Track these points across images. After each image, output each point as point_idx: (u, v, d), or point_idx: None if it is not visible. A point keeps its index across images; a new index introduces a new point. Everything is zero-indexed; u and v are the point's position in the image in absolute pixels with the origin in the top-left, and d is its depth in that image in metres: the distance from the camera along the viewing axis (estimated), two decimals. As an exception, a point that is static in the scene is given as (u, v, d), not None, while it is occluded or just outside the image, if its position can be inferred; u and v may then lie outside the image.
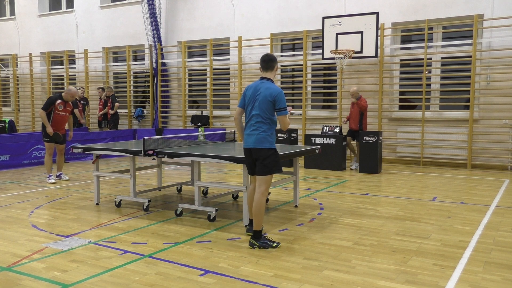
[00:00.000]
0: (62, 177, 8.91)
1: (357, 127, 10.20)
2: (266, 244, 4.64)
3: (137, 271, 4.07)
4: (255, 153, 4.74)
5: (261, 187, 4.73)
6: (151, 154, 5.91)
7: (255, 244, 4.64)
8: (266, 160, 4.69)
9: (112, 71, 16.35)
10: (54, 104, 8.48)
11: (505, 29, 10.15)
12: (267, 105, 4.68)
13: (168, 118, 15.13)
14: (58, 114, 8.52)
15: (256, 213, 4.69)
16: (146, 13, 14.54)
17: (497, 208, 6.49)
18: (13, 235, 5.22)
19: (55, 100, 8.52)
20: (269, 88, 4.71)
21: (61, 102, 8.54)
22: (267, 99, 4.67)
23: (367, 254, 4.50)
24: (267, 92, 4.68)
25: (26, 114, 18.38)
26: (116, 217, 6.04)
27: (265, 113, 4.70)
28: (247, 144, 4.79)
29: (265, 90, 4.70)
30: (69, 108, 8.73)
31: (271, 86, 4.74)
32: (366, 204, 6.81)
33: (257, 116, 4.71)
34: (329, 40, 11.27)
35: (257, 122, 4.72)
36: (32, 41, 18.05)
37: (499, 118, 10.40)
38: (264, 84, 4.78)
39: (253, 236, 4.70)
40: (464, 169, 10.38)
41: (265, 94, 4.68)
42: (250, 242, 4.70)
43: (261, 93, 4.71)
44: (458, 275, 3.96)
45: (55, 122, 8.54)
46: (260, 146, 4.70)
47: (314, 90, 12.80)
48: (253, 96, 4.77)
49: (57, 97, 8.59)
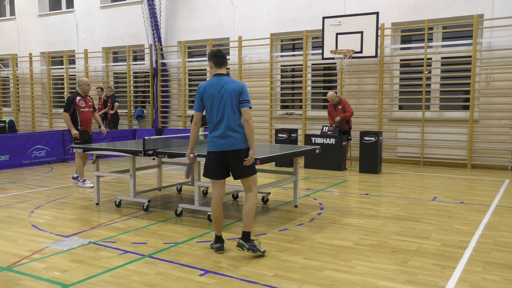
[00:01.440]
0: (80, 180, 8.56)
1: (346, 127, 10.58)
2: (255, 247, 4.42)
3: (137, 271, 4.07)
4: (232, 155, 4.40)
5: (253, 188, 4.54)
6: (151, 154, 5.91)
7: (245, 246, 4.43)
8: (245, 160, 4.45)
9: (112, 71, 16.35)
10: (75, 102, 8.05)
11: (505, 29, 10.15)
12: (235, 100, 4.37)
13: (168, 118, 15.13)
14: (83, 111, 8.09)
15: (249, 213, 4.49)
16: (146, 13, 14.54)
17: (497, 208, 6.49)
18: (13, 235, 5.22)
19: (75, 98, 8.08)
20: (234, 82, 4.44)
21: (80, 98, 8.11)
22: (235, 93, 4.37)
23: (367, 254, 4.50)
24: (233, 86, 4.38)
25: (26, 114, 18.38)
26: (116, 217, 6.04)
27: (236, 110, 4.39)
28: (219, 147, 4.40)
29: (230, 83, 4.40)
30: (90, 103, 8.29)
31: (233, 80, 4.48)
32: (366, 204, 6.81)
33: (228, 114, 4.37)
34: (329, 40, 11.27)
35: (230, 121, 4.37)
36: (32, 41, 18.05)
37: (499, 118, 10.40)
38: (224, 80, 4.44)
39: (243, 237, 4.47)
40: (464, 169, 10.38)
41: (232, 88, 4.37)
42: (239, 243, 4.47)
43: (226, 89, 4.38)
44: (458, 275, 3.97)
45: (83, 122, 8.11)
46: (239, 147, 4.39)
47: (314, 90, 12.80)
48: (217, 94, 4.39)
49: (75, 95, 8.15)
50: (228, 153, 4.40)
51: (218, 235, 4.59)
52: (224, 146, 4.40)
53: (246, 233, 4.47)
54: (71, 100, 8.05)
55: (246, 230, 4.48)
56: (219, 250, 4.55)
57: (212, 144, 4.47)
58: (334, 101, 10.45)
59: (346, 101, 10.55)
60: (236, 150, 4.39)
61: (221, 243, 4.57)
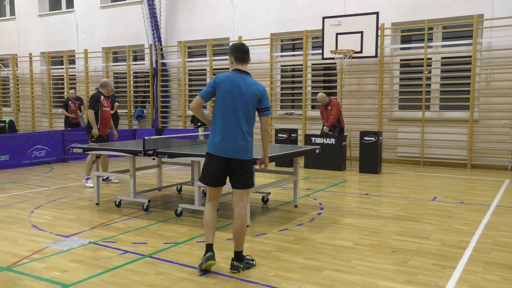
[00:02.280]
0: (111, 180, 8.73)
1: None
2: (249, 264, 4.10)
3: (137, 271, 4.07)
4: (235, 163, 3.99)
5: (244, 200, 4.09)
6: (151, 154, 5.91)
7: (240, 267, 4.01)
8: (249, 171, 4.08)
9: (112, 71, 16.35)
10: (100, 101, 8.15)
11: (505, 29, 10.15)
12: (253, 105, 3.98)
13: (168, 118, 15.13)
14: (105, 110, 8.22)
15: (242, 232, 4.03)
16: (146, 13, 14.54)
17: (497, 208, 6.49)
18: (13, 235, 5.22)
19: (99, 97, 8.19)
20: (254, 84, 4.01)
21: (104, 98, 8.25)
22: (254, 97, 3.97)
23: (367, 254, 4.50)
24: (253, 88, 3.97)
25: (26, 114, 18.38)
26: (116, 217, 6.04)
27: (250, 115, 4.00)
28: (224, 153, 3.96)
29: (250, 85, 3.97)
30: (110, 103, 8.49)
31: (255, 81, 4.05)
32: (366, 204, 6.81)
33: (239, 118, 3.95)
34: (329, 40, 11.27)
35: (242, 127, 3.97)
36: (32, 41, 18.05)
37: (499, 118, 10.40)
38: (245, 78, 4.00)
39: (237, 258, 4.05)
40: (464, 169, 10.38)
41: (252, 91, 3.96)
42: (233, 265, 4.01)
43: (242, 89, 3.95)
44: (458, 275, 3.97)
45: (103, 120, 8.22)
46: (244, 158, 4.00)
47: (314, 90, 12.79)
48: (231, 91, 3.96)
49: (99, 94, 8.24)
50: (233, 161, 4.00)
51: (208, 243, 4.06)
52: (231, 153, 3.97)
53: (239, 253, 4.07)
54: (96, 98, 8.16)
55: (238, 250, 4.07)
56: (210, 259, 3.97)
57: (216, 147, 4.00)
58: (324, 102, 10.40)
59: (336, 102, 10.39)
60: (243, 160, 4.01)
61: (212, 253, 4.02)
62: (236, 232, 4.04)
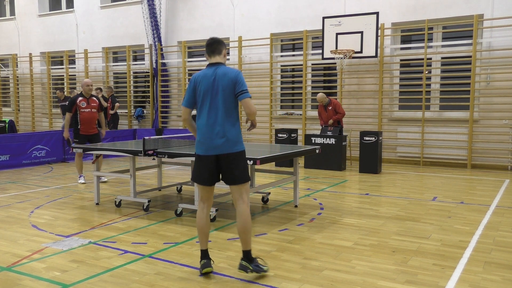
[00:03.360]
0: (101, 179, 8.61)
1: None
2: (259, 268, 3.90)
3: (137, 271, 4.07)
4: (225, 159, 3.87)
5: (245, 197, 3.93)
6: (151, 154, 5.91)
7: (248, 268, 3.87)
8: (240, 164, 3.92)
9: (112, 71, 16.35)
10: (76, 103, 8.17)
11: (505, 29, 10.15)
12: (231, 94, 3.84)
13: (168, 118, 15.13)
14: (84, 111, 8.17)
15: (246, 230, 3.90)
16: (146, 13, 14.54)
17: (497, 208, 6.49)
18: (13, 235, 5.22)
19: (76, 99, 8.21)
20: (227, 73, 3.86)
21: (82, 99, 8.19)
22: (230, 85, 3.84)
23: (367, 254, 4.50)
24: (228, 77, 3.84)
25: (26, 114, 18.38)
26: (116, 217, 6.04)
27: (230, 105, 3.87)
28: (213, 151, 3.87)
29: (222, 75, 3.85)
30: (94, 104, 8.33)
31: (228, 70, 3.89)
32: (366, 204, 6.81)
33: (223, 111, 3.85)
34: (329, 40, 11.27)
35: (225, 118, 3.86)
36: (32, 41, 18.05)
37: (499, 118, 10.40)
38: (217, 70, 3.89)
39: (245, 257, 3.91)
40: (464, 169, 10.38)
41: (226, 80, 3.84)
42: (241, 265, 3.89)
43: (217, 80, 3.84)
44: (458, 275, 3.97)
45: (83, 121, 8.18)
46: (233, 151, 3.87)
47: (314, 90, 12.79)
48: (208, 88, 3.86)
49: (77, 96, 8.28)
50: (222, 157, 3.88)
51: (203, 249, 3.99)
52: (217, 150, 3.86)
53: (247, 252, 3.92)
54: (73, 101, 8.24)
55: (246, 249, 3.92)
56: (206, 267, 3.90)
57: (202, 147, 3.92)
58: (323, 103, 10.44)
59: (337, 102, 10.55)
60: (231, 153, 3.87)
61: (206, 260, 3.95)
62: (241, 231, 3.91)
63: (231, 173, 3.90)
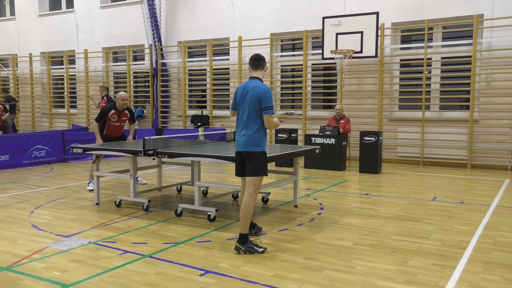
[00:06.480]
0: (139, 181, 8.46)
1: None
2: (252, 249, 4.49)
3: (137, 271, 4.07)
4: (244, 155, 4.64)
5: (249, 189, 4.58)
6: (151, 154, 5.91)
7: (241, 249, 4.50)
8: (253, 161, 4.57)
9: (112, 71, 16.35)
10: (107, 115, 7.80)
11: (505, 29, 10.15)
12: (256, 105, 4.55)
13: (168, 118, 15.14)
14: (113, 125, 7.89)
15: (243, 216, 4.55)
16: (146, 13, 14.54)
17: (497, 208, 6.49)
18: (13, 235, 5.22)
19: (108, 111, 7.82)
20: (256, 87, 4.57)
21: (114, 112, 7.82)
22: (256, 98, 4.54)
23: (367, 254, 4.50)
24: (255, 91, 4.55)
25: (26, 114, 18.38)
26: (116, 217, 6.05)
27: (255, 114, 4.57)
28: (238, 148, 4.69)
29: (253, 89, 4.58)
30: (125, 118, 7.99)
31: (259, 84, 4.60)
32: (366, 204, 6.81)
33: (247, 117, 4.58)
34: (329, 40, 11.27)
35: (247, 123, 4.58)
36: (32, 41, 18.05)
37: (499, 118, 10.40)
38: (252, 83, 4.65)
39: (239, 240, 4.55)
40: (464, 169, 10.38)
41: (253, 93, 4.55)
42: (236, 246, 4.55)
43: (249, 92, 4.59)
44: (458, 275, 3.96)
45: (110, 131, 7.95)
46: (250, 150, 4.58)
47: (314, 90, 12.80)
48: (242, 96, 4.65)
49: (110, 107, 7.87)
50: (243, 154, 4.66)
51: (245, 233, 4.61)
52: (239, 147, 4.67)
53: (241, 235, 4.54)
54: (104, 112, 7.83)
55: (241, 232, 4.54)
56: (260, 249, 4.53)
57: (236, 144, 4.79)
58: (339, 114, 10.77)
59: (349, 119, 10.86)
60: (246, 152, 4.59)
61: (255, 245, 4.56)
62: (240, 215, 4.58)
63: (248, 167, 4.63)
